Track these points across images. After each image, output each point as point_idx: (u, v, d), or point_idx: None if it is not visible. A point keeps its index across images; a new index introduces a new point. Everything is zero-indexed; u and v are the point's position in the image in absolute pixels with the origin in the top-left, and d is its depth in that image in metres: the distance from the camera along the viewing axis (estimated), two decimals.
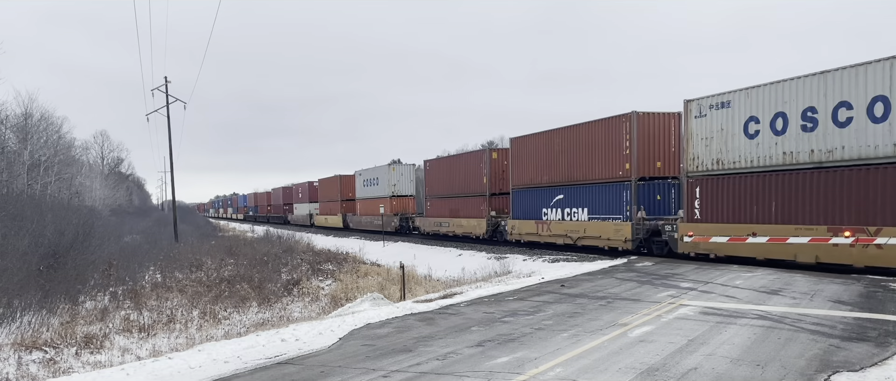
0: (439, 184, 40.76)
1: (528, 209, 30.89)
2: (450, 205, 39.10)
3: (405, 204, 48.33)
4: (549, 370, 8.05)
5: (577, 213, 27.60)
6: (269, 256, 31.14)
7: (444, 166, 40.76)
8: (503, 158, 34.57)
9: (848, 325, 10.47)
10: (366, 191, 53.72)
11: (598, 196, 26.28)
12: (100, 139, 79.29)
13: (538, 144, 30.14)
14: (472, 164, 36.37)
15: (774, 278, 16.51)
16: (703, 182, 21.21)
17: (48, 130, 44.73)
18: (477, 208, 35.76)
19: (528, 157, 30.99)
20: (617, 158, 25.08)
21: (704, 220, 21.07)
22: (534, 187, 30.46)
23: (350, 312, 14.45)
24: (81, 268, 20.09)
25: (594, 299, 13.88)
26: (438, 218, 40.76)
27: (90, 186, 58.01)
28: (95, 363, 12.18)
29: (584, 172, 27.05)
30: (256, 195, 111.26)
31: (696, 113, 21.37)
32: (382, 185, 49.42)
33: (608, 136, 25.63)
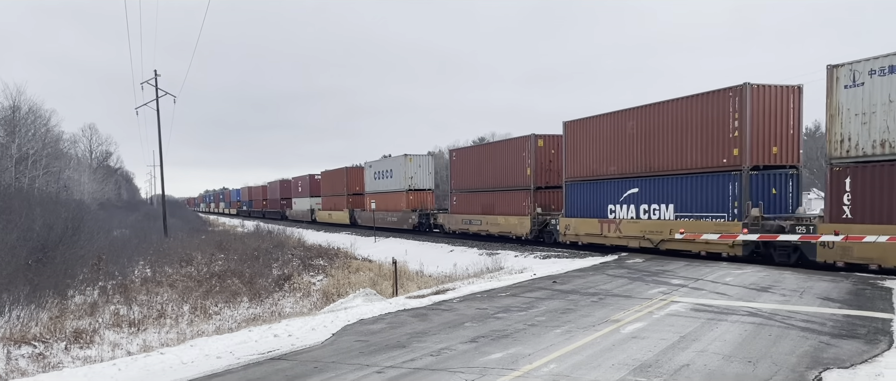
0: (468, 176, 36.18)
1: (587, 206, 26.43)
2: (481, 200, 34.66)
3: (423, 199, 44.28)
4: (543, 366, 8.08)
5: (659, 210, 23.02)
6: (259, 251, 31.04)
7: (475, 157, 35.77)
8: (551, 146, 30.13)
9: (837, 322, 10.56)
10: (377, 184, 49.14)
11: (692, 190, 21.73)
12: (88, 133, 78.56)
13: (602, 128, 25.45)
14: (512, 153, 31.46)
15: (764, 275, 16.62)
16: (856, 171, 16.68)
17: (36, 123, 44.36)
18: (518, 204, 31.16)
19: (587, 144, 26.35)
20: (721, 143, 20.53)
21: (857, 220, 16.53)
22: (596, 180, 25.87)
23: (343, 307, 14.44)
24: (70, 262, 19.94)
25: (586, 296, 13.92)
26: (467, 215, 36.27)
27: (79, 179, 57.59)
28: (85, 358, 12.10)
29: (671, 161, 22.38)
30: (251, 189, 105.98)
31: (848, 81, 16.72)
32: (397, 178, 45.00)
33: (707, 114, 20.94)
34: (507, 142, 32.88)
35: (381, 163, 48.46)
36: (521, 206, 31.00)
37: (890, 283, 14.79)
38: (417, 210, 43.17)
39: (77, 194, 51.50)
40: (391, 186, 46.25)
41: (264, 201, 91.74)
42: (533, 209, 30.18)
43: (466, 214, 36.41)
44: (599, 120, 25.75)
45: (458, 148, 38.60)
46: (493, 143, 33.61)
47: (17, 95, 41.50)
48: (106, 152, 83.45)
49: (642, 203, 23.79)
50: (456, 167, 37.99)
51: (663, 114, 22.75)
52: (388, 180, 46.75)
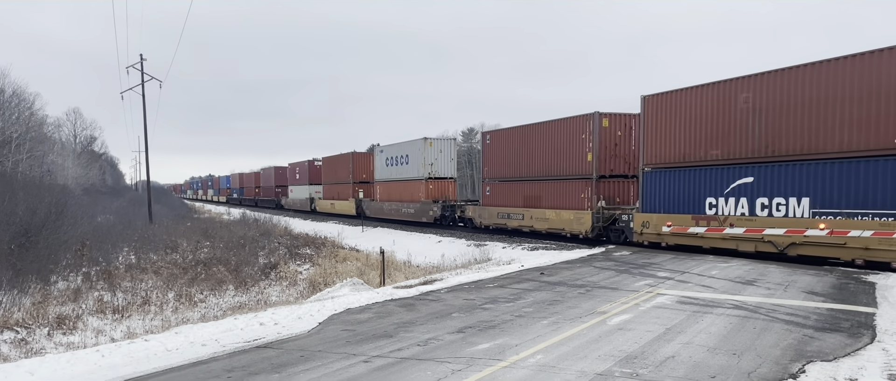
0: (506, 163, 31.19)
1: (675, 198, 21.79)
2: (524, 191, 29.82)
3: (444, 189, 39.42)
4: (530, 357, 8.09)
5: (786, 205, 18.35)
6: (245, 239, 30.88)
7: (517, 140, 30.37)
8: (617, 127, 25.63)
9: (821, 316, 10.66)
10: (389, 172, 44.18)
11: (842, 179, 16.97)
12: (72, 117, 77.78)
13: (700, 102, 20.71)
14: (567, 135, 26.75)
15: (749, 268, 16.75)
16: None
17: (20, 106, 43.82)
18: (574, 196, 26.41)
19: (677, 122, 21.62)
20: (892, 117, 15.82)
21: None
22: (689, 166, 21.21)
23: (329, 297, 14.39)
24: (53, 247, 19.74)
25: (573, 288, 13.96)
26: (503, 208, 31.33)
27: (62, 164, 56.99)
28: (68, 344, 11.99)
29: (807, 142, 17.76)
30: (242, 176, 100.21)
31: None
32: (414, 164, 40.00)
33: (872, 80, 16.21)
34: (560, 122, 27.33)
35: (395, 148, 43.43)
36: (577, 198, 26.27)
37: (873, 278, 14.95)
38: (439, 201, 38.17)
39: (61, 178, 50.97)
40: (406, 174, 41.44)
41: (257, 188, 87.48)
42: (594, 202, 25.39)
43: (503, 206, 31.49)
44: (695, 93, 21.03)
45: (495, 129, 32.70)
46: (541, 123, 28.35)
47: (1, 79, 40.94)
48: (90, 137, 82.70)
49: (759, 196, 19.13)
50: (490, 153, 32.68)
51: (795, 82, 18.06)
52: (403, 167, 41.90)
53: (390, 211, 43.60)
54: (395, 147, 43.46)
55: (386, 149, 45.06)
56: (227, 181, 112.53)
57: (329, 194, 56.49)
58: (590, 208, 25.50)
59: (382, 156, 45.59)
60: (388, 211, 44.00)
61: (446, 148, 39.80)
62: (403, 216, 41.72)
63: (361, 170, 50.43)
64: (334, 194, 54.76)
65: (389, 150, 44.35)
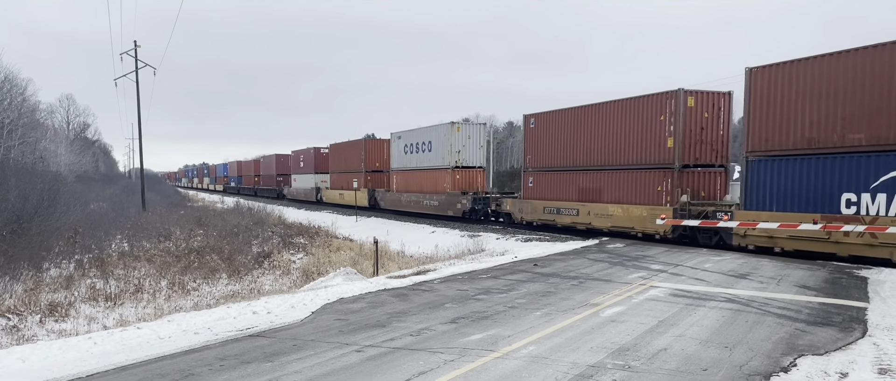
0: (554, 150, 27.36)
1: (793, 193, 17.87)
2: (578, 183, 26.08)
3: (473, 179, 35.48)
4: (523, 348, 8.10)
5: None
6: (239, 227, 30.81)
7: (569, 123, 26.53)
8: (704, 107, 21.88)
9: (813, 310, 10.70)
10: (408, 160, 40.25)
11: None
12: (65, 103, 77.44)
13: (832, 73, 16.83)
14: (639, 116, 22.86)
15: (742, 262, 16.80)
16: None
17: (12, 91, 43.47)
18: (648, 189, 22.60)
19: (799, 98, 17.69)
20: None
21: None
22: (815, 154, 17.36)
23: (323, 286, 14.38)
24: (46, 234, 19.65)
25: (567, 279, 13.98)
26: (552, 201, 27.49)
27: (55, 151, 56.70)
28: (60, 332, 11.95)
29: None
30: (241, 164, 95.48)
31: None
32: (439, 151, 36.20)
33: None
34: (631, 102, 23.38)
35: (415, 134, 39.52)
36: (652, 191, 22.50)
37: (866, 272, 15.01)
38: (469, 193, 34.33)
39: (54, 165, 50.71)
40: (429, 163, 37.56)
41: (257, 177, 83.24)
42: (675, 196, 21.55)
43: (551, 200, 27.55)
44: (827, 62, 17.04)
45: (542, 112, 28.43)
46: (605, 103, 24.68)
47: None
48: (84, 124, 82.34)
49: None
50: (535, 139, 28.71)
51: None
52: (425, 155, 37.94)
53: (409, 203, 39.91)
54: (415, 133, 39.51)
55: (404, 135, 40.88)
56: (225, 169, 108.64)
57: (337, 183, 52.20)
58: (669, 203, 21.74)
59: (400, 143, 41.43)
60: (406, 203, 40.29)
61: (475, 134, 35.68)
62: (425, 209, 37.95)
63: (375, 158, 46.73)
64: (344, 183, 50.24)
65: (409, 136, 40.31)
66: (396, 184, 42.31)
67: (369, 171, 46.86)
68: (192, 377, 7.07)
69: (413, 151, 39.81)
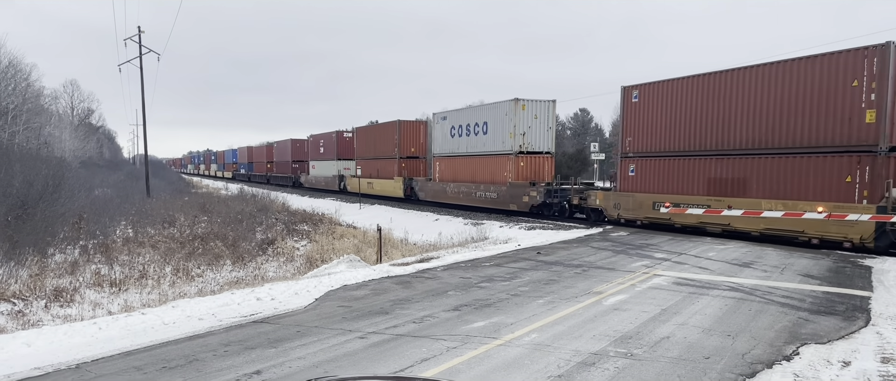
0: (669, 130, 22.37)
1: None
2: (707, 172, 20.81)
3: (539, 167, 30.09)
4: (525, 336, 8.12)
5: None
6: (243, 214, 30.88)
7: (691, 95, 21.54)
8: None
9: (817, 299, 10.69)
10: (455, 144, 34.68)
11: None
12: (70, 89, 77.34)
13: None
14: (813, 82, 17.61)
15: (746, 251, 16.79)
16: None
17: (16, 77, 43.47)
18: (828, 180, 17.31)
19: None
20: None
21: None
22: None
23: (326, 273, 14.42)
24: (50, 220, 19.70)
25: (570, 267, 13.99)
26: (665, 195, 22.19)
27: (59, 136, 56.77)
28: (65, 317, 12.02)
29: None
30: (252, 150, 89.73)
31: None
32: (498, 134, 30.64)
33: None
34: (798, 62, 18.13)
35: (465, 113, 34.08)
36: (836, 184, 17.13)
37: (870, 261, 14.99)
38: (539, 184, 28.78)
39: (58, 151, 50.79)
40: (483, 147, 32.08)
41: (270, 163, 77.72)
42: (878, 191, 16.23)
43: (664, 193, 22.33)
44: None
45: (649, 83, 23.52)
46: (750, 67, 19.52)
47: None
48: (88, 110, 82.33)
49: None
50: (637, 115, 23.89)
51: None
52: (478, 139, 32.39)
53: (457, 194, 34.34)
54: (465, 113, 34.13)
55: (451, 116, 35.43)
56: (234, 155, 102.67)
57: (366, 171, 46.50)
58: (867, 199, 16.38)
59: (444, 125, 35.88)
60: (453, 194, 34.77)
61: (543, 113, 29.79)
62: (478, 202, 32.26)
63: (410, 142, 41.70)
64: (372, 171, 45.41)
65: (456, 117, 34.85)
66: (440, 172, 36.58)
67: (404, 157, 41.60)
68: (196, 362, 7.11)
69: (462, 134, 34.01)
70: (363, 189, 45.89)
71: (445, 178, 36.10)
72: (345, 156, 52.80)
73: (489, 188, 31.31)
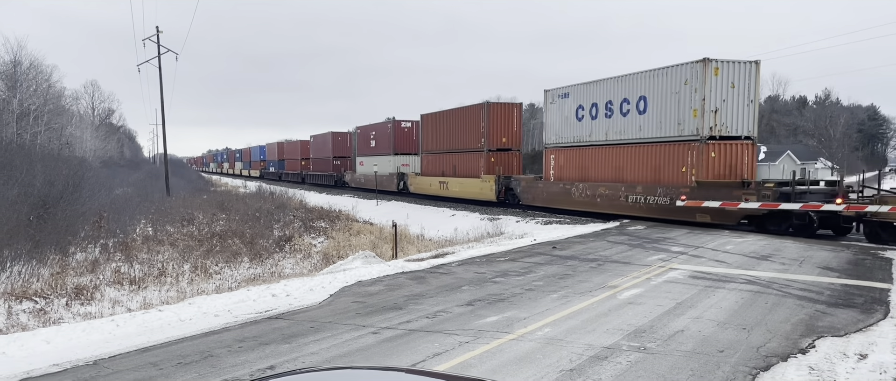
0: None
1: None
2: None
3: (738, 159, 21.32)
4: (538, 330, 8.11)
5: None
6: (261, 212, 31.13)
7: None
8: None
9: (835, 291, 10.57)
10: (582, 129, 26.37)
11: None
12: (90, 89, 78.32)
13: None
14: None
15: (765, 243, 16.62)
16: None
17: (38, 78, 44.18)
18: None
19: None
20: None
21: None
22: None
23: (341, 269, 14.50)
24: (72, 219, 20.01)
25: (585, 262, 13.94)
26: None
27: (81, 136, 57.56)
28: (86, 314, 12.20)
29: None
30: (283, 146, 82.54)
31: None
32: (666, 112, 22.16)
33: None
34: None
35: (601, 87, 25.28)
36: None
37: (891, 253, 14.79)
38: (754, 185, 19.89)
39: (79, 151, 51.54)
40: (635, 132, 23.63)
41: (305, 160, 70.24)
42: None
43: None
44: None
45: None
46: None
47: (18, 50, 41.29)
48: (108, 110, 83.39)
49: None
50: None
51: None
52: (628, 120, 23.92)
53: (589, 199, 25.65)
54: (602, 86, 25.21)
55: (576, 91, 26.63)
56: (262, 152, 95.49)
57: (434, 167, 39.47)
58: None
59: (565, 104, 27.30)
60: (582, 198, 26.09)
61: (743, 79, 20.96)
62: (635, 210, 23.38)
63: (500, 131, 33.59)
64: (445, 167, 37.91)
65: (586, 92, 26.10)
66: (558, 168, 28.25)
67: (494, 149, 33.59)
68: (211, 358, 7.19)
69: (597, 116, 25.48)
70: (433, 190, 38.77)
71: (568, 176, 27.49)
72: (404, 150, 45.37)
73: (654, 191, 22.49)
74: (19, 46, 44.09)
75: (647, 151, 23.35)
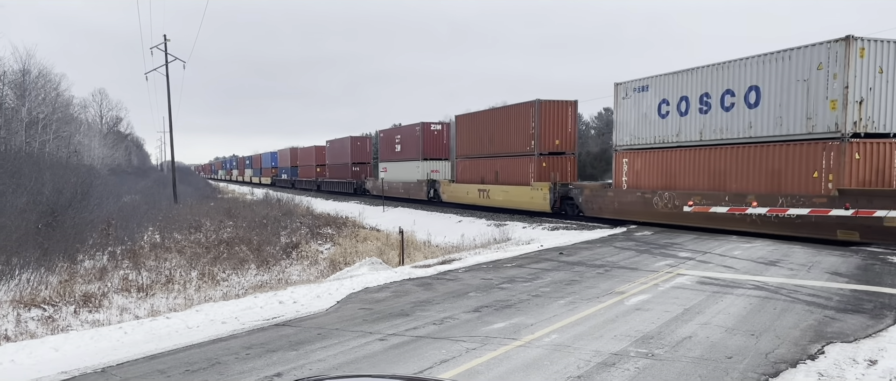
0: None
1: None
2: None
3: (887, 161, 17.61)
4: (545, 337, 8.09)
5: None
6: (268, 218, 31.18)
7: None
8: None
9: (844, 297, 10.50)
10: (667, 128, 22.74)
11: None
12: (98, 97, 78.67)
13: None
14: None
15: (773, 249, 16.53)
16: None
17: (46, 87, 44.46)
18: None
19: None
20: None
21: None
22: None
23: (348, 276, 14.50)
24: (80, 227, 20.11)
25: (592, 267, 13.91)
26: None
27: (89, 144, 57.87)
28: (94, 322, 12.24)
29: None
30: (296, 152, 79.31)
31: None
32: (790, 104, 18.29)
33: None
34: None
35: (693, 76, 21.58)
36: None
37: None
38: None
39: (87, 159, 51.82)
40: (742, 130, 19.87)
41: (320, 167, 67.24)
42: None
43: None
44: None
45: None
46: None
47: (27, 59, 41.58)
48: (116, 118, 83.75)
49: None
50: None
51: None
52: (731, 116, 20.21)
53: (676, 210, 21.90)
54: (695, 76, 21.52)
55: (658, 82, 23.13)
56: (273, 159, 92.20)
57: (471, 174, 35.73)
58: None
59: (644, 98, 23.83)
60: (666, 209, 22.41)
61: (893, 61, 17.28)
62: (744, 225, 19.68)
63: (554, 132, 29.84)
64: (485, 173, 34.03)
65: (672, 84, 22.53)
66: (631, 175, 24.63)
67: (546, 153, 29.85)
68: (218, 365, 7.20)
69: (688, 111, 21.84)
70: (471, 199, 34.84)
71: (647, 183, 23.73)
72: (434, 154, 41.54)
73: (774, 201, 18.51)
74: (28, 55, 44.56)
75: (760, 152, 19.44)
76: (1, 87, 38.19)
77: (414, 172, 42.71)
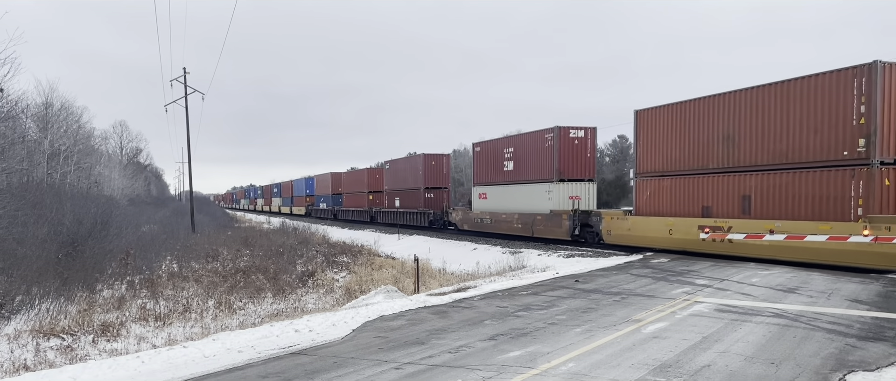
0: None
1: None
2: None
3: None
4: (562, 365, 8.03)
5: None
6: (284, 247, 31.33)
7: None
8: None
9: (865, 324, 10.34)
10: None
11: None
12: (119, 129, 79.90)
13: None
14: None
15: (791, 276, 16.33)
16: None
17: (68, 119, 45.20)
18: None
19: None
20: None
21: None
22: None
23: (364, 304, 14.51)
24: (99, 257, 20.33)
25: (608, 295, 13.81)
26: None
27: (109, 175, 58.62)
28: (112, 351, 12.32)
29: None
30: (339, 176, 68.01)
31: None
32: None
33: None
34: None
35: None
36: None
37: None
38: None
39: (108, 189, 52.47)
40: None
41: (373, 194, 55.90)
42: None
43: None
44: None
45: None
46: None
47: (50, 92, 42.36)
48: (136, 149, 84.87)
49: None
50: None
51: None
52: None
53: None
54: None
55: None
56: (309, 186, 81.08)
57: (664, 203, 23.34)
58: None
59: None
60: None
61: None
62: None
63: (835, 122, 17.64)
64: (704, 198, 21.54)
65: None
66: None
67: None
68: None
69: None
70: (676, 242, 22.21)
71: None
72: (574, 174, 29.89)
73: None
74: (51, 89, 45.36)
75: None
76: (24, 120, 38.95)
77: (540, 198, 30.70)
